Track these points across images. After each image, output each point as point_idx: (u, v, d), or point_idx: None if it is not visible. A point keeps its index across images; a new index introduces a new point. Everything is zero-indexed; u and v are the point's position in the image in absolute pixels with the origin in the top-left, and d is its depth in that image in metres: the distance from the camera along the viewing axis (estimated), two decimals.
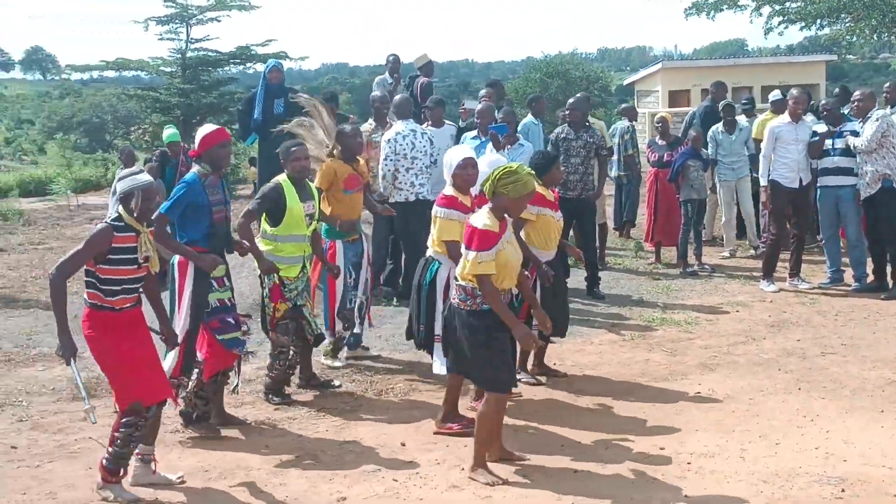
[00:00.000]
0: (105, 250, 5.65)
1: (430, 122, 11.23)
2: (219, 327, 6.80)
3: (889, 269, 10.99)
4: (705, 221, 13.43)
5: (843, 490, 5.70)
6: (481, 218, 5.91)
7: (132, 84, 47.26)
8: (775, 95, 13.59)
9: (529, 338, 6.00)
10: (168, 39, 28.98)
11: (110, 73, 34.97)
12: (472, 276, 5.87)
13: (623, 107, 17.09)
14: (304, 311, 7.66)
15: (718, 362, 8.48)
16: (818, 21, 26.91)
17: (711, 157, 12.88)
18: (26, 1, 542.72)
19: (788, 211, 11.29)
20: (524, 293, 6.64)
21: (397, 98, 10.86)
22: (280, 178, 7.59)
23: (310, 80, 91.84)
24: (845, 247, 11.44)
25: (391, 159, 10.08)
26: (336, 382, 8.06)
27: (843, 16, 26.42)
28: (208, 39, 29.07)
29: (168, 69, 29.47)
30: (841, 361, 8.40)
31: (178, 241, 6.67)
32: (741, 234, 13.79)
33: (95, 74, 38.10)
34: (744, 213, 13.44)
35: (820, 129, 11.11)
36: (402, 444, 6.66)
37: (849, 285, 11.16)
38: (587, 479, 6.01)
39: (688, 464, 6.18)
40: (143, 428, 5.85)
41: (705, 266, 12.42)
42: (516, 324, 5.95)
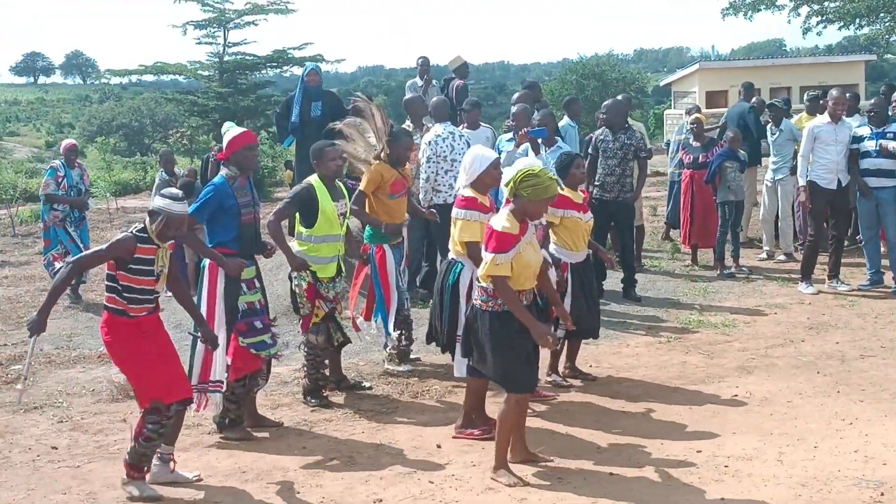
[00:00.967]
0: (127, 257, 5.75)
1: (466, 125, 11.24)
2: (245, 331, 6.85)
3: None
4: (742, 223, 13.33)
5: (882, 494, 5.65)
6: (501, 220, 5.92)
7: (170, 88, 47.74)
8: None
9: (548, 337, 5.99)
10: (206, 43, 29.26)
11: (149, 77, 35.15)
12: (488, 277, 5.90)
13: (688, 107, 16.84)
14: (335, 316, 7.69)
15: (756, 365, 8.42)
16: (857, 20, 26.68)
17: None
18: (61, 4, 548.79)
19: (827, 212, 11.19)
20: (547, 291, 6.60)
21: (434, 100, 10.88)
22: (311, 179, 7.61)
23: (346, 83, 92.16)
24: (885, 248, 11.32)
25: (433, 161, 10.12)
26: (366, 384, 8.08)
27: (882, 15, 26.18)
28: (245, 43, 29.36)
29: (206, 73, 29.74)
30: (880, 364, 8.31)
31: (205, 244, 6.73)
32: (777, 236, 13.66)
33: (134, 79, 38.24)
34: (780, 216, 13.29)
35: (862, 131, 10.98)
36: (438, 447, 6.67)
37: (888, 287, 11.04)
38: (623, 482, 5.99)
39: (725, 467, 6.14)
40: (167, 426, 5.96)
41: (743, 268, 12.33)
42: (534, 324, 5.94)
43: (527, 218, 6.00)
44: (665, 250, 13.97)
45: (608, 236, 11.64)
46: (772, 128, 13.14)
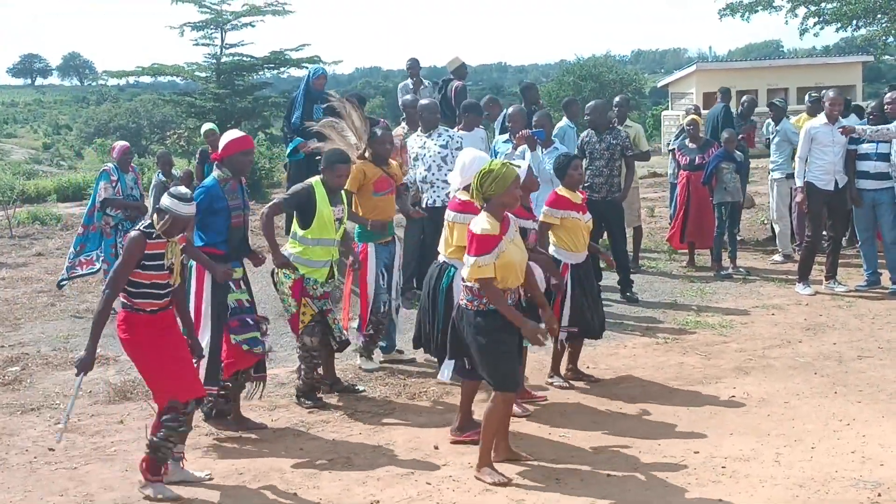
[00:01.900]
0: (142, 256, 5.79)
1: (460, 126, 11.22)
2: (237, 327, 6.87)
3: None
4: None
5: (879, 494, 5.65)
6: (480, 223, 5.95)
7: (168, 89, 47.70)
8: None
9: (538, 334, 6.00)
10: (203, 45, 29.20)
11: (146, 79, 35.13)
12: (473, 279, 5.91)
13: (687, 108, 16.89)
14: (328, 318, 7.68)
15: (753, 366, 8.42)
16: (854, 22, 26.69)
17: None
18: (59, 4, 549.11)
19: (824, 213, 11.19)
20: (532, 292, 6.57)
21: (424, 103, 10.70)
22: (313, 180, 7.61)
23: (343, 84, 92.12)
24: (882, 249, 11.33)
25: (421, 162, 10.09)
26: (360, 387, 8.07)
27: (879, 16, 26.19)
28: (243, 45, 29.27)
29: (203, 74, 29.68)
30: (878, 365, 8.31)
31: (194, 247, 6.74)
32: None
33: (132, 80, 38.24)
34: (776, 216, 13.29)
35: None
36: (435, 448, 6.67)
37: (886, 288, 11.04)
38: (620, 483, 5.99)
39: (722, 468, 6.15)
40: (184, 424, 5.99)
41: (740, 269, 12.33)
42: (523, 322, 5.96)
43: (506, 213, 6.04)
44: (662, 251, 13.97)
45: (601, 237, 11.63)
46: (771, 127, 13.19)
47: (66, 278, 11.55)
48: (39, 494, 6.05)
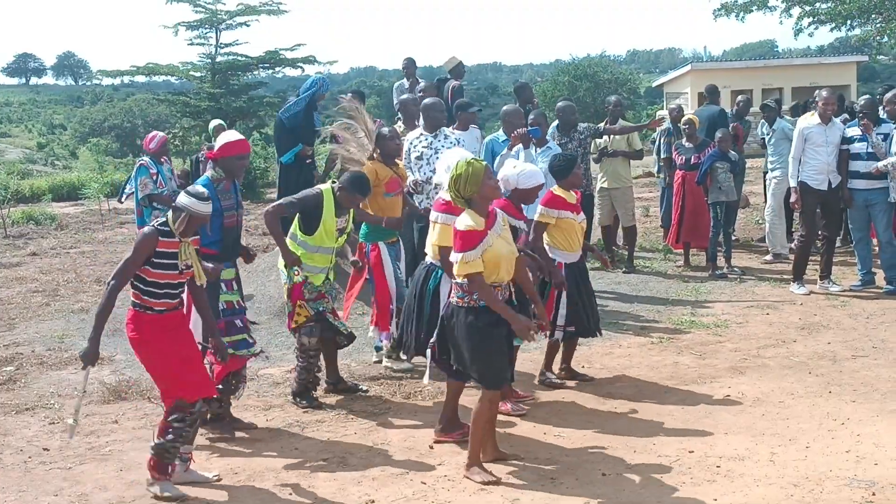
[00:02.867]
0: (151, 253, 5.77)
1: (455, 125, 11.21)
2: (225, 329, 6.84)
3: None
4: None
5: (873, 494, 5.66)
6: (463, 220, 5.96)
7: (162, 89, 47.70)
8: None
9: (528, 329, 6.01)
10: (198, 44, 29.23)
11: (141, 78, 35.14)
12: (462, 276, 5.92)
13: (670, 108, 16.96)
14: (327, 317, 7.67)
15: (748, 365, 8.44)
16: (848, 22, 26.69)
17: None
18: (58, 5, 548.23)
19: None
20: (524, 287, 6.55)
21: (429, 102, 10.72)
22: (324, 188, 7.59)
23: (339, 84, 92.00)
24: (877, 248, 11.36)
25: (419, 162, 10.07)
26: (363, 387, 8.06)
27: (873, 16, 26.20)
28: (237, 44, 29.34)
29: (198, 74, 29.72)
30: (872, 364, 8.33)
31: None
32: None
33: (126, 80, 38.23)
34: (770, 215, 13.31)
35: (852, 132, 10.99)
36: (431, 447, 6.67)
37: (880, 288, 11.07)
38: (615, 482, 5.99)
39: (717, 467, 6.15)
40: (191, 424, 5.99)
41: (735, 269, 12.36)
42: (514, 317, 5.97)
43: (493, 208, 6.06)
44: (657, 251, 13.99)
45: (604, 236, 11.64)
46: (766, 128, 13.22)
47: None
48: (34, 494, 6.04)
